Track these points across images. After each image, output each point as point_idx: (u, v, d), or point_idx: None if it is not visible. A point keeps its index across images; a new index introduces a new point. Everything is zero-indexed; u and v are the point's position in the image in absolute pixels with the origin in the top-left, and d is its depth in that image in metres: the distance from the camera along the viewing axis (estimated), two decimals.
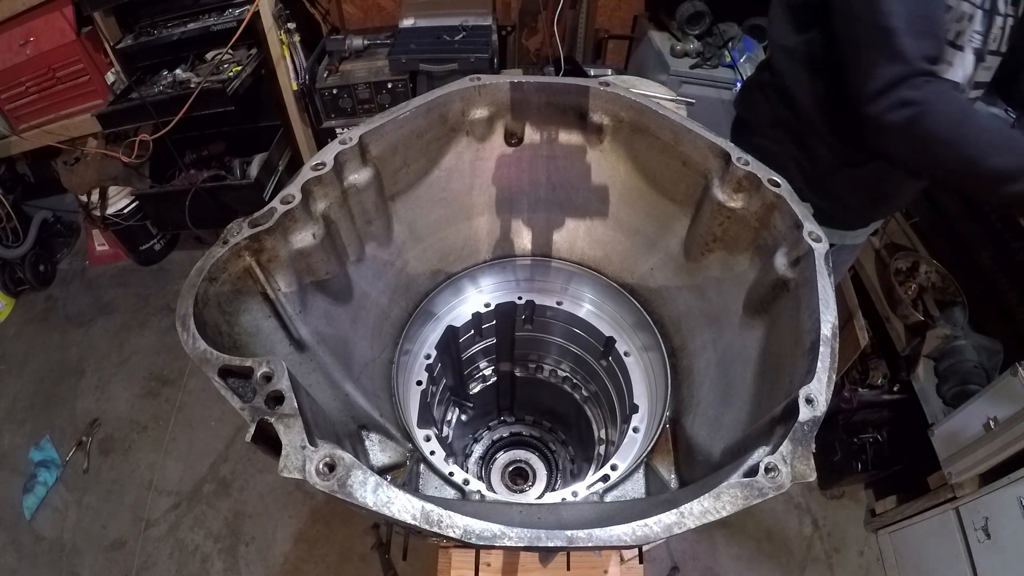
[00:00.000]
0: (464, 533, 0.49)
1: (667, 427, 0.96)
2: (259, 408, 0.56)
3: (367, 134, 0.87)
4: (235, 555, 2.09)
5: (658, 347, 1.03)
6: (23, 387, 2.63)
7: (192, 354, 0.61)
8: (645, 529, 0.51)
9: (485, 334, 1.23)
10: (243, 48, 2.36)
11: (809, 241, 0.73)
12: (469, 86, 0.94)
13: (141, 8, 2.36)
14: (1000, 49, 1.08)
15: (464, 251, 1.15)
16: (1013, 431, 1.47)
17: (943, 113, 0.91)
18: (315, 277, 0.88)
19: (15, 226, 2.81)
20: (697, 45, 2.43)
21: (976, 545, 1.60)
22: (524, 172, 1.08)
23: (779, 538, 2.11)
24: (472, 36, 2.36)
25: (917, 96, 0.91)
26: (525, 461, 1.35)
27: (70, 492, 2.28)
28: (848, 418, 2.07)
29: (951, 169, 0.97)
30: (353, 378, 0.95)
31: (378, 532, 1.88)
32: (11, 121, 2.55)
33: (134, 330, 2.80)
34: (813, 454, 0.55)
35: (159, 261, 3.10)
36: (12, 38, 2.29)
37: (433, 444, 0.96)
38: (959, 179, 1.00)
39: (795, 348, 0.71)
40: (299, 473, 0.51)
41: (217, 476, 2.29)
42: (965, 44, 1.01)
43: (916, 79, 0.92)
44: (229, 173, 2.67)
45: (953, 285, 2.13)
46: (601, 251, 1.14)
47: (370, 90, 2.38)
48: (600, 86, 0.94)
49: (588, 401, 1.27)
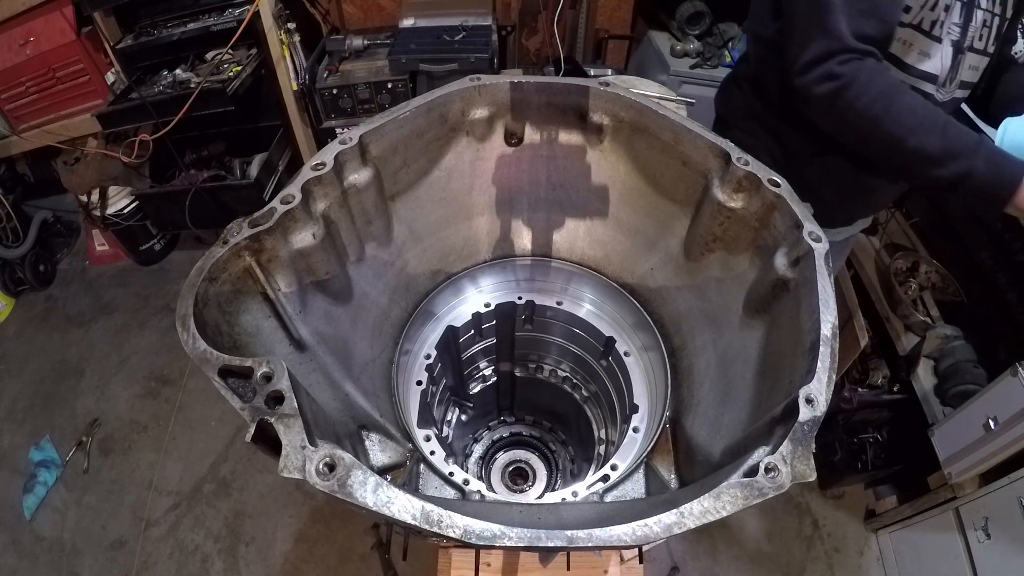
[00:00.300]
0: (464, 533, 0.49)
1: (667, 427, 0.96)
2: (259, 408, 0.56)
3: (367, 134, 0.87)
4: (235, 555, 2.09)
5: (658, 347, 1.03)
6: (23, 387, 2.63)
7: (192, 354, 0.61)
8: (645, 529, 0.51)
9: (485, 334, 1.23)
10: (243, 48, 2.36)
11: (809, 241, 0.73)
12: (469, 86, 0.94)
13: (141, 8, 2.36)
14: (987, 49, 1.07)
15: (464, 251, 1.15)
16: (1013, 431, 1.47)
17: (866, 90, 0.93)
18: (315, 277, 0.88)
19: (15, 226, 2.81)
20: (697, 45, 2.43)
21: (976, 545, 1.60)
22: (524, 172, 1.08)
23: (779, 538, 2.11)
24: (472, 36, 2.36)
25: (842, 71, 0.94)
26: (525, 461, 1.35)
27: (70, 492, 2.28)
28: (848, 418, 2.07)
29: (878, 147, 0.99)
30: (353, 378, 0.95)
31: (378, 532, 1.88)
32: (11, 121, 2.54)
33: (134, 330, 2.80)
34: (813, 454, 0.55)
35: (159, 261, 3.10)
36: (12, 38, 2.28)
37: (433, 444, 0.96)
38: (888, 158, 1.02)
39: (795, 348, 0.71)
40: (299, 473, 0.51)
41: (217, 476, 2.29)
42: (943, 36, 1.00)
43: (845, 55, 0.94)
44: (229, 173, 2.67)
45: (953, 285, 2.13)
46: (601, 251, 1.14)
47: (370, 90, 2.38)
48: (600, 86, 0.94)
49: (588, 401, 1.27)
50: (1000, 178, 0.92)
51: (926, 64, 1.03)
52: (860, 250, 2.32)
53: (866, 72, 0.94)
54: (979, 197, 0.95)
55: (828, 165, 1.17)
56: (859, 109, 0.95)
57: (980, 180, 0.92)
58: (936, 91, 1.06)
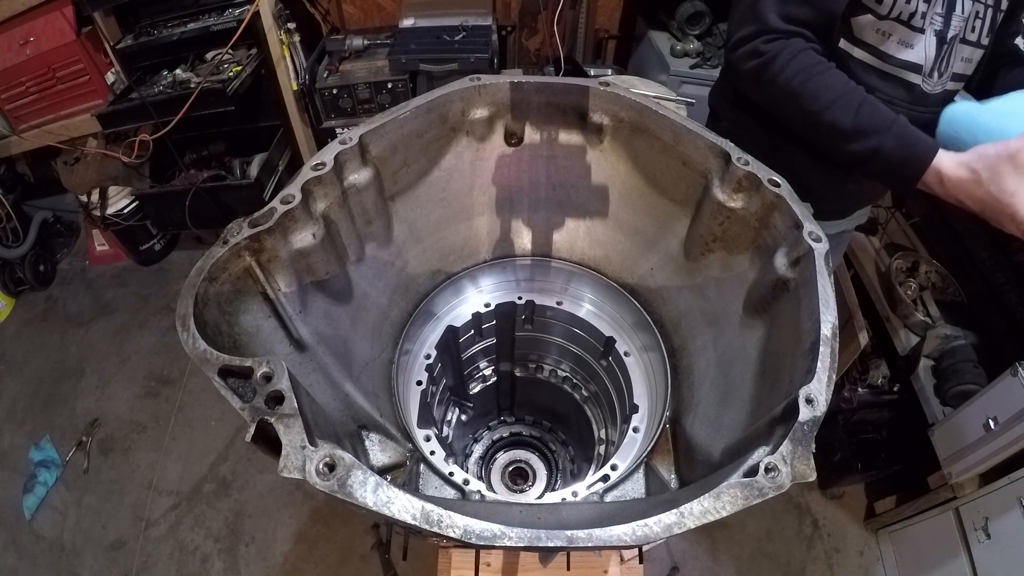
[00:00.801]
0: (464, 533, 0.49)
1: (667, 427, 0.96)
2: (259, 408, 0.56)
3: (367, 134, 0.87)
4: (235, 555, 2.09)
5: (658, 347, 1.03)
6: (23, 387, 2.63)
7: (192, 354, 0.61)
8: (645, 529, 0.51)
9: (485, 334, 1.23)
10: (243, 48, 2.36)
11: (809, 241, 0.73)
12: (469, 86, 0.94)
13: (141, 8, 2.36)
14: (980, 41, 1.07)
15: (464, 251, 1.15)
16: (1013, 431, 1.47)
17: (787, 66, 0.99)
18: (315, 277, 0.88)
19: (15, 226, 2.81)
20: (697, 45, 2.43)
21: (976, 545, 1.60)
22: (524, 172, 1.08)
23: (779, 538, 2.12)
24: (472, 36, 2.36)
25: (766, 48, 1.00)
26: (525, 461, 1.35)
27: (70, 492, 2.28)
28: (848, 418, 2.07)
29: (800, 120, 1.05)
30: (353, 378, 0.95)
31: (378, 532, 1.88)
32: (11, 121, 2.54)
33: (134, 330, 2.80)
34: (813, 454, 0.55)
35: (159, 261, 3.10)
36: (12, 38, 2.28)
37: (433, 444, 0.96)
38: (809, 133, 1.06)
39: (795, 348, 0.71)
40: (299, 473, 0.51)
41: (217, 476, 2.29)
42: (926, 26, 1.01)
43: (771, 35, 1.00)
44: (229, 173, 2.67)
45: (953, 285, 2.13)
46: (601, 251, 1.14)
47: (370, 90, 2.38)
48: (600, 86, 0.94)
49: (588, 401, 1.27)
50: (907, 157, 0.95)
51: (907, 54, 1.03)
52: (860, 250, 2.32)
53: (789, 50, 0.99)
54: (888, 174, 0.99)
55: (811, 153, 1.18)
56: (780, 84, 1.00)
57: (888, 157, 0.95)
58: (922, 81, 1.06)
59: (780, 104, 1.05)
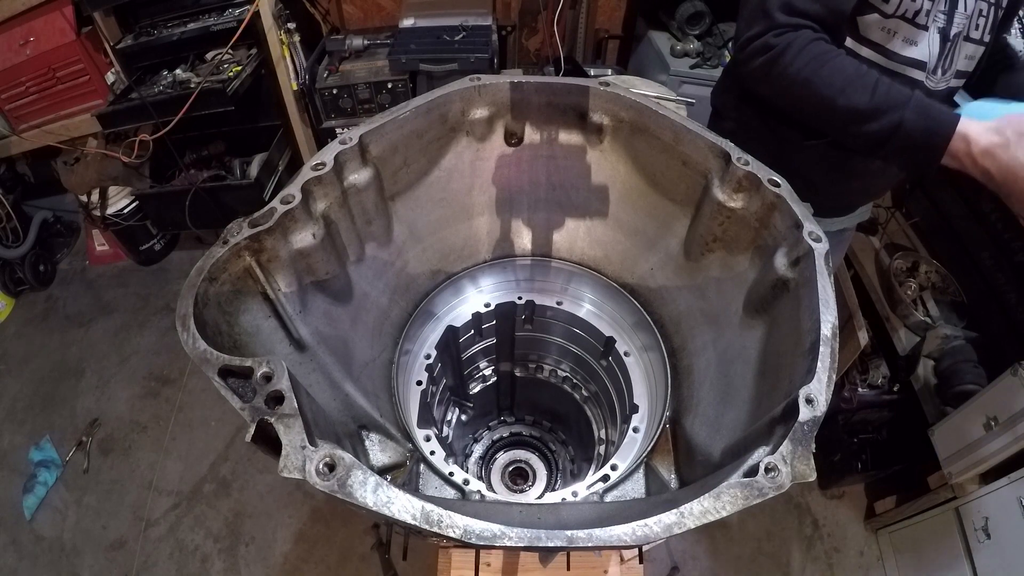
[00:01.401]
0: (464, 533, 0.49)
1: (667, 427, 0.96)
2: (259, 408, 0.56)
3: (367, 134, 0.87)
4: (235, 555, 2.09)
5: (658, 347, 1.03)
6: (23, 387, 2.63)
7: (192, 354, 0.61)
8: (645, 529, 0.51)
9: (485, 334, 1.23)
10: (243, 48, 2.36)
11: (809, 241, 0.73)
12: (469, 86, 0.94)
13: (141, 8, 2.36)
14: (983, 39, 1.07)
15: (464, 251, 1.15)
16: (1013, 431, 1.47)
17: (798, 55, 0.98)
18: (315, 277, 0.88)
19: (15, 226, 2.81)
20: (697, 45, 2.43)
21: (976, 545, 1.60)
22: (524, 172, 1.08)
23: (779, 538, 2.11)
24: (472, 36, 2.36)
25: (776, 41, 1.00)
26: (525, 461, 1.35)
27: (70, 492, 2.28)
28: (848, 418, 2.07)
29: (813, 108, 1.03)
30: (353, 378, 0.95)
31: (378, 532, 1.88)
32: (11, 121, 2.54)
33: (134, 330, 2.80)
34: (813, 454, 0.55)
35: (159, 261, 3.10)
36: (12, 38, 2.28)
37: (433, 444, 0.96)
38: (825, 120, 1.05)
39: (795, 348, 0.71)
40: (299, 473, 0.51)
41: (217, 476, 2.29)
42: (930, 24, 1.01)
43: (779, 29, 1.00)
44: (229, 173, 2.67)
45: (953, 285, 2.13)
46: (601, 251, 1.14)
47: (370, 90, 2.38)
48: (600, 86, 0.94)
49: (588, 401, 1.27)
50: (931, 127, 0.92)
51: (912, 51, 1.03)
52: (860, 250, 2.32)
53: (799, 41, 0.99)
54: (913, 149, 0.95)
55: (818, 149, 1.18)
56: (791, 74, 0.99)
57: (911, 130, 0.92)
58: (926, 78, 1.06)
59: (793, 95, 1.04)
